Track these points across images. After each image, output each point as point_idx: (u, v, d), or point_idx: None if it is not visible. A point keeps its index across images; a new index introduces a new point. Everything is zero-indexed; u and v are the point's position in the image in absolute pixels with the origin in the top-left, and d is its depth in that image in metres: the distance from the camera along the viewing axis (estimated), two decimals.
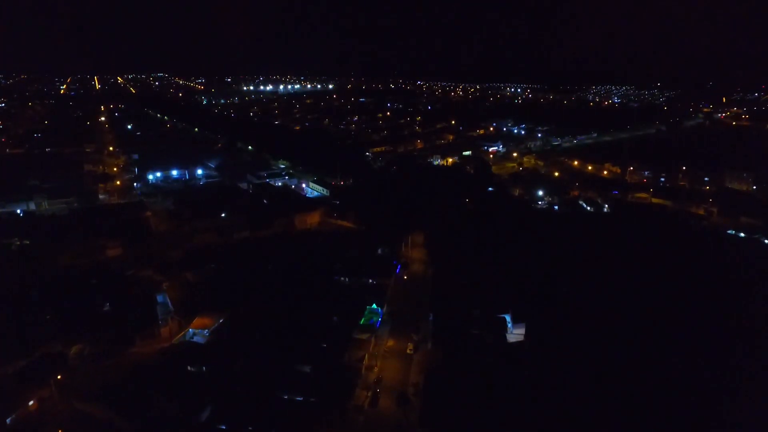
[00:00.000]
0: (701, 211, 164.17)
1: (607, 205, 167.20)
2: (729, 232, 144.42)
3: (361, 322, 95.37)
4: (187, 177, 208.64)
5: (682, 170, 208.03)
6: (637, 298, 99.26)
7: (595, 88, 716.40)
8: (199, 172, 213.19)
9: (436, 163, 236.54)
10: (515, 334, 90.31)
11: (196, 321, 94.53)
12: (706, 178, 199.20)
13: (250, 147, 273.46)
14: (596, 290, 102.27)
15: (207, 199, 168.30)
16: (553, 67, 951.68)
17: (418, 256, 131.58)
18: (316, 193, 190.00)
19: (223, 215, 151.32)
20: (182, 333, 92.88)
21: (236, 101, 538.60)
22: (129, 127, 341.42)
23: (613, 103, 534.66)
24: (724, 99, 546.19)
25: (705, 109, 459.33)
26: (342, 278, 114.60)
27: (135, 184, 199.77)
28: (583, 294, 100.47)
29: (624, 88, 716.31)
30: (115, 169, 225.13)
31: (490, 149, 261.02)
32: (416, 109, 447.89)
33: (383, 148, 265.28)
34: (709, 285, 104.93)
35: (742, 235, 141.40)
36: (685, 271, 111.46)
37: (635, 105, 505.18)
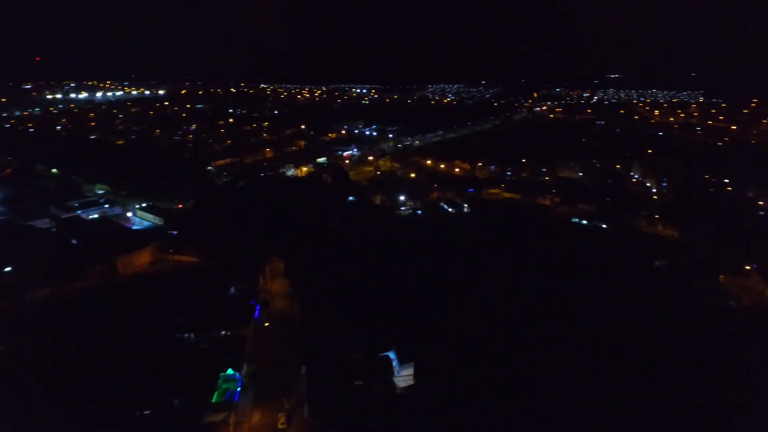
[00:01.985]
0: (547, 202, 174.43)
1: (466, 205, 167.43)
2: (573, 220, 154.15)
3: (214, 399, 74.08)
4: None
5: (522, 163, 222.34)
6: (520, 302, 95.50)
7: (432, 87, 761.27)
8: None
9: (289, 173, 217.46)
10: (403, 376, 78.11)
11: None
12: (543, 169, 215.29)
13: (54, 170, 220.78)
14: (480, 302, 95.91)
15: None
16: (392, 66, 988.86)
17: (280, 289, 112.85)
18: (146, 223, 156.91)
19: (6, 270, 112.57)
20: None
21: (37, 112, 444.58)
22: None
23: (451, 101, 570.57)
24: (535, 94, 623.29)
25: (525, 104, 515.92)
26: (185, 336, 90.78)
27: None
28: (468, 310, 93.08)
29: (456, 86, 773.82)
30: None
31: (345, 154, 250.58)
32: (262, 115, 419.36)
33: (228, 160, 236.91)
34: (585, 279, 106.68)
35: (585, 222, 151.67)
36: (561, 267, 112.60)
37: (470, 102, 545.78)
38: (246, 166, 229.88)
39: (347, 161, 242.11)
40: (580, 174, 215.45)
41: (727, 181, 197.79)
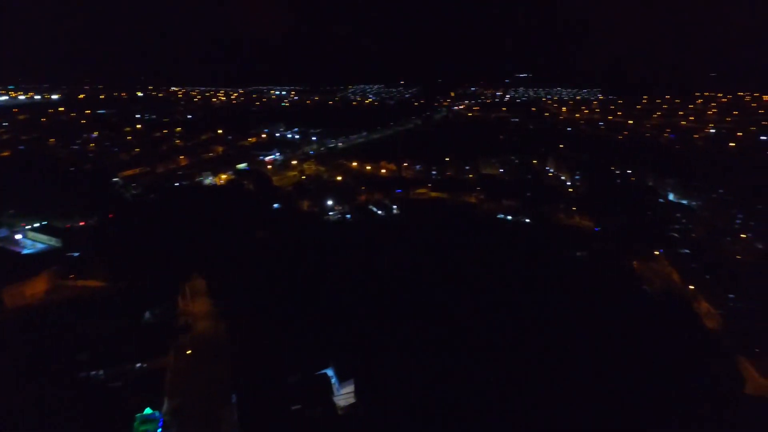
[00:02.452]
0: (473, 199, 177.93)
1: (395, 206, 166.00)
2: (499, 216, 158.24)
3: None
4: None
5: (446, 162, 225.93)
6: (458, 303, 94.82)
7: (352, 88, 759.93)
8: None
9: (207, 182, 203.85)
10: (344, 394, 73.86)
11: None
12: (466, 167, 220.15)
13: None
14: (418, 308, 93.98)
15: None
16: (311, 67, 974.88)
17: (202, 310, 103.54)
18: (40, 246, 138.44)
19: None
20: None
21: None
22: None
23: (372, 101, 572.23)
24: (452, 93, 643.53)
25: (444, 103, 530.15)
26: (92, 374, 79.82)
27: None
28: (407, 317, 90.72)
29: (376, 86, 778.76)
30: None
31: (267, 159, 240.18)
32: (174, 120, 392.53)
33: (137, 171, 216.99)
34: (516, 276, 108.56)
35: (510, 218, 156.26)
36: (493, 265, 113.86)
37: (392, 102, 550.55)
38: (158, 175, 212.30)
39: (270, 166, 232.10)
40: (501, 170, 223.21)
41: (629, 171, 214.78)
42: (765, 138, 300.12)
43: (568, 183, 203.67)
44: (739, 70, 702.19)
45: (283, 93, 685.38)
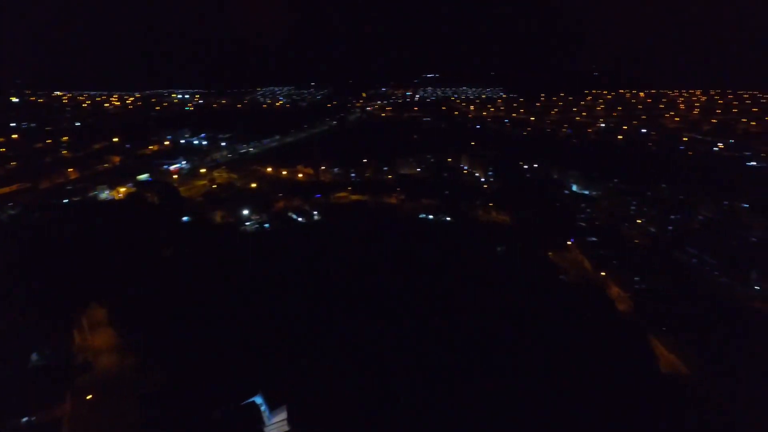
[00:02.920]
0: (394, 200, 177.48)
1: (316, 212, 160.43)
2: (421, 216, 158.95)
3: None
4: None
5: (364, 163, 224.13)
6: (390, 311, 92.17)
7: (261, 90, 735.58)
8: None
9: (103, 196, 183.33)
10: (276, 423, 67.95)
11: None
12: (385, 168, 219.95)
13: None
14: (348, 319, 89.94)
15: None
16: (215, 69, 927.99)
17: (104, 343, 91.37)
18: None
19: None
20: None
21: None
22: None
23: (284, 103, 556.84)
24: (364, 94, 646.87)
25: (357, 104, 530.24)
26: None
27: None
28: (337, 332, 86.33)
29: (286, 88, 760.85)
30: None
31: (172, 168, 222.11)
32: (59, 128, 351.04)
33: (15, 187, 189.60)
34: (442, 276, 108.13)
35: (431, 217, 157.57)
36: (420, 267, 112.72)
37: (304, 104, 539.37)
38: (42, 192, 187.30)
39: (175, 176, 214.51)
40: (418, 170, 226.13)
41: (536, 166, 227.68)
42: (645, 131, 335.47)
43: (483, 180, 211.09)
44: (620, 70, 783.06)
45: (186, 96, 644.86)
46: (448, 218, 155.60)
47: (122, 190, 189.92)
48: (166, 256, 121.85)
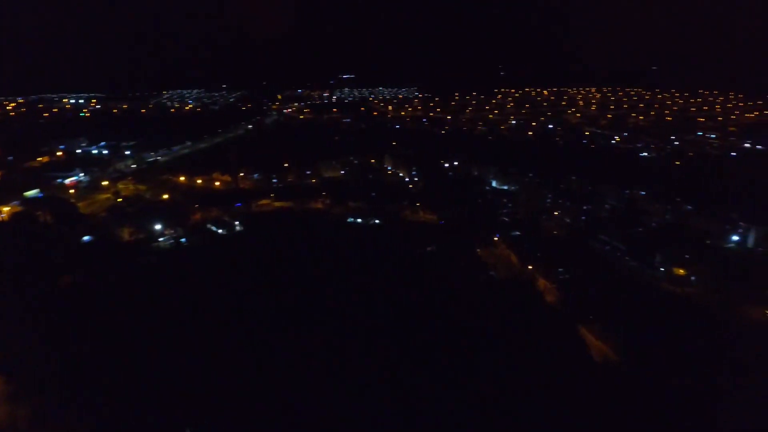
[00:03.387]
0: (320, 205, 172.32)
1: (237, 222, 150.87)
2: (349, 220, 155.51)
3: None
4: None
5: (286, 168, 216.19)
6: (323, 324, 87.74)
7: (168, 93, 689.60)
8: None
9: None
10: None
11: None
12: (308, 171, 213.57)
13: None
14: (276, 338, 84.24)
15: None
16: (115, 71, 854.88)
17: None
18: None
19: None
20: None
21: None
22: None
23: (194, 107, 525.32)
24: (279, 96, 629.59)
25: (273, 106, 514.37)
26: None
27: None
28: (264, 353, 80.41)
29: (196, 91, 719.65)
30: None
31: (68, 181, 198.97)
32: None
33: None
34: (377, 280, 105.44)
35: (360, 220, 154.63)
36: (353, 271, 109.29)
37: (216, 108, 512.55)
38: None
39: (72, 191, 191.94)
40: (342, 172, 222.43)
41: (456, 163, 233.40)
42: (551, 126, 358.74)
43: (407, 179, 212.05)
44: (525, 69, 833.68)
45: (81, 101, 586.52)
46: (377, 221, 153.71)
47: (6, 209, 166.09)
48: (64, 282, 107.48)
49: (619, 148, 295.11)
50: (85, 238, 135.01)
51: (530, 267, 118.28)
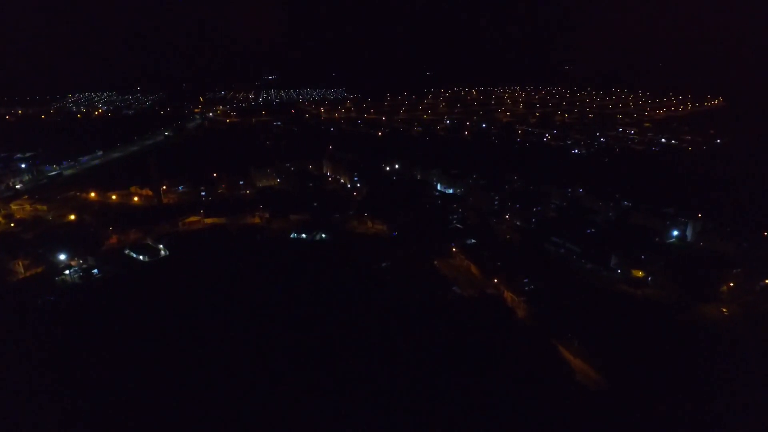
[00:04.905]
0: (257, 220, 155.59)
1: (162, 246, 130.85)
2: (292, 236, 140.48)
3: None
4: None
5: (215, 177, 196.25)
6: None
7: (74, 97, 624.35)
8: None
9: None
10: None
11: None
12: (240, 181, 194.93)
13: None
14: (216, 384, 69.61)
15: None
16: (11, 71, 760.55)
17: None
18: None
19: None
20: None
21: None
22: None
23: (105, 111, 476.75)
24: (201, 99, 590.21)
25: (196, 110, 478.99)
26: None
27: None
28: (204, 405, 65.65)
29: (106, 94, 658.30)
30: None
31: None
32: None
33: None
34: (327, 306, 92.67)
35: (304, 236, 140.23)
36: (301, 300, 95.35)
37: (130, 112, 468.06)
38: None
39: None
40: (279, 180, 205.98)
41: (397, 166, 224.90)
42: (485, 126, 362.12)
43: (349, 186, 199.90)
44: (452, 69, 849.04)
45: None
46: (323, 235, 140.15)
47: None
48: None
49: (551, 145, 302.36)
50: None
51: (495, 280, 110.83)
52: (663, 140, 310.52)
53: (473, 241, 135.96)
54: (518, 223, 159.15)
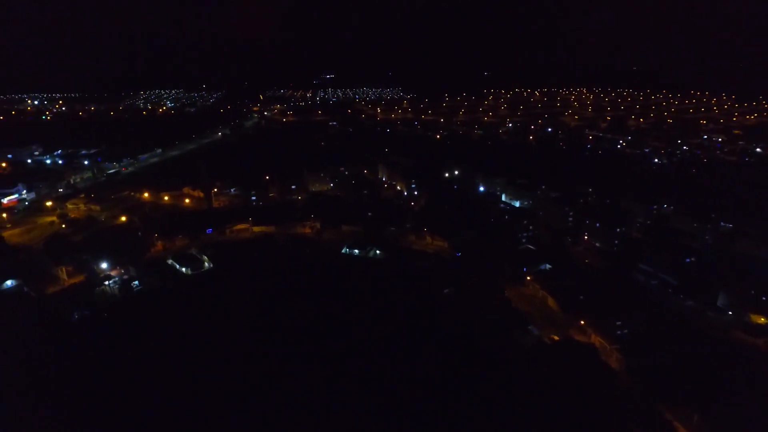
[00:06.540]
0: (308, 230, 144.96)
1: (206, 256, 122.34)
2: (344, 251, 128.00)
3: None
4: None
5: (267, 181, 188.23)
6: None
7: (144, 94, 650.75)
8: None
9: None
10: None
11: None
12: (292, 186, 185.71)
13: None
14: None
15: None
16: (87, 68, 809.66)
17: None
18: None
19: None
20: None
21: None
22: None
23: (169, 109, 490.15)
24: (261, 97, 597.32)
25: (254, 108, 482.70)
26: None
27: None
28: None
29: (174, 91, 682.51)
30: None
31: (6, 200, 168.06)
32: None
33: None
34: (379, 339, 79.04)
35: (357, 251, 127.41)
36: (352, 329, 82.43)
37: (192, 110, 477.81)
38: None
39: (5, 215, 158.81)
40: (332, 185, 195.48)
41: (457, 173, 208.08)
42: (551, 130, 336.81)
43: (406, 194, 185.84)
44: (510, 69, 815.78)
45: (45, 102, 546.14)
46: (378, 251, 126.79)
47: None
48: None
49: (626, 153, 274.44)
50: (8, 282, 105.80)
51: (581, 321, 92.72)
52: (759, 150, 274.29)
53: (548, 266, 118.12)
54: (598, 244, 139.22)
